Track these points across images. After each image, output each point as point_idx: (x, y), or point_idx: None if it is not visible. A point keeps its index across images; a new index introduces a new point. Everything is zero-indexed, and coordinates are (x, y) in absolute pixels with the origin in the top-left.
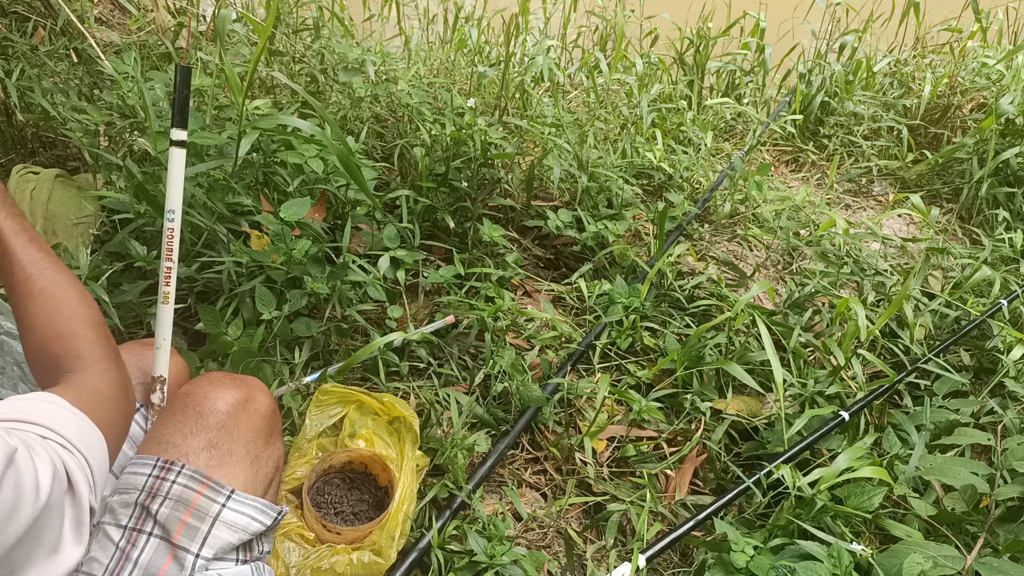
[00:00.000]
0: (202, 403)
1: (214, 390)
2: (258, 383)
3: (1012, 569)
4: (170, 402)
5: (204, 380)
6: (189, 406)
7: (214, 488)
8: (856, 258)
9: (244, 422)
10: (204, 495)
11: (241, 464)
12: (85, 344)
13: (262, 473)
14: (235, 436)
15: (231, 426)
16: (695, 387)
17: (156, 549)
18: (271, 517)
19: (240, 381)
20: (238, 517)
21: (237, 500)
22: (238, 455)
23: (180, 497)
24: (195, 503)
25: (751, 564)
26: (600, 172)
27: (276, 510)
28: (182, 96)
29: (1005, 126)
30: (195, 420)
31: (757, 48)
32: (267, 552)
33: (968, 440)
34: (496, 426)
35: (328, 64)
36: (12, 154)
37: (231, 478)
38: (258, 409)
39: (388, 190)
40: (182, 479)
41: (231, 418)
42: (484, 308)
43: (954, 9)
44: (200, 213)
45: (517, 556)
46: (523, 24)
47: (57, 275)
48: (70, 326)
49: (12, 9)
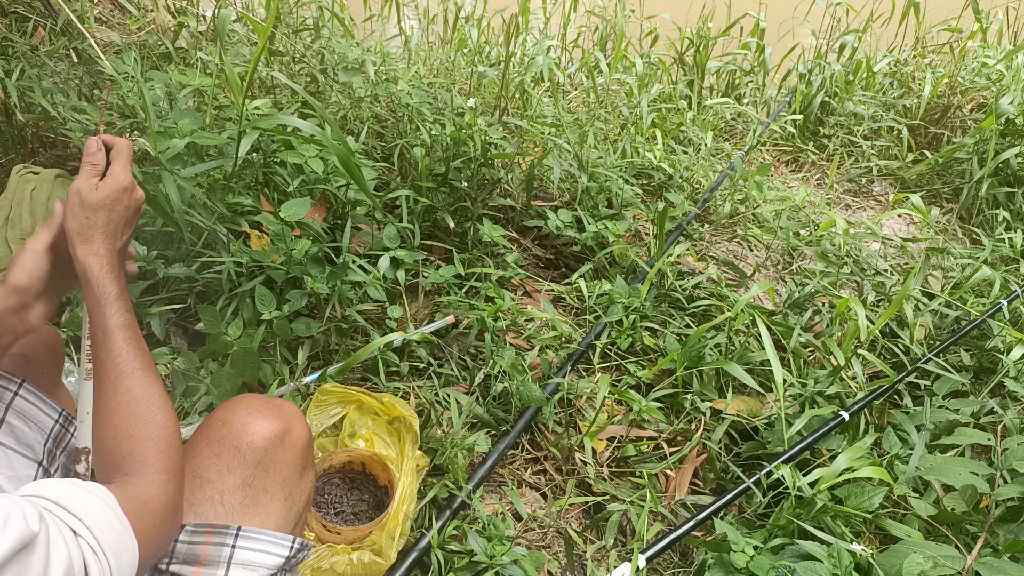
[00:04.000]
0: (240, 437)
1: (253, 422)
2: (294, 411)
3: (1012, 569)
4: (204, 429)
5: (241, 408)
6: (226, 439)
7: (220, 533)
8: (856, 258)
9: (281, 458)
10: (211, 543)
11: (275, 502)
12: (153, 452)
13: (294, 510)
14: (272, 473)
15: (268, 463)
16: (695, 387)
17: None
18: (286, 547)
19: (278, 411)
20: (252, 555)
21: (246, 537)
22: (273, 493)
23: (189, 554)
24: (204, 554)
25: (751, 564)
26: (600, 172)
27: (290, 539)
28: None
29: (1005, 126)
30: (231, 455)
31: (757, 48)
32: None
33: (968, 440)
34: (496, 426)
35: (328, 64)
36: (12, 154)
37: (263, 518)
38: (296, 443)
39: (388, 190)
40: (184, 535)
41: (269, 455)
42: (484, 308)
43: (954, 9)
44: (200, 213)
45: (517, 556)
46: (523, 24)
47: (147, 378)
48: (145, 430)
49: (12, 9)
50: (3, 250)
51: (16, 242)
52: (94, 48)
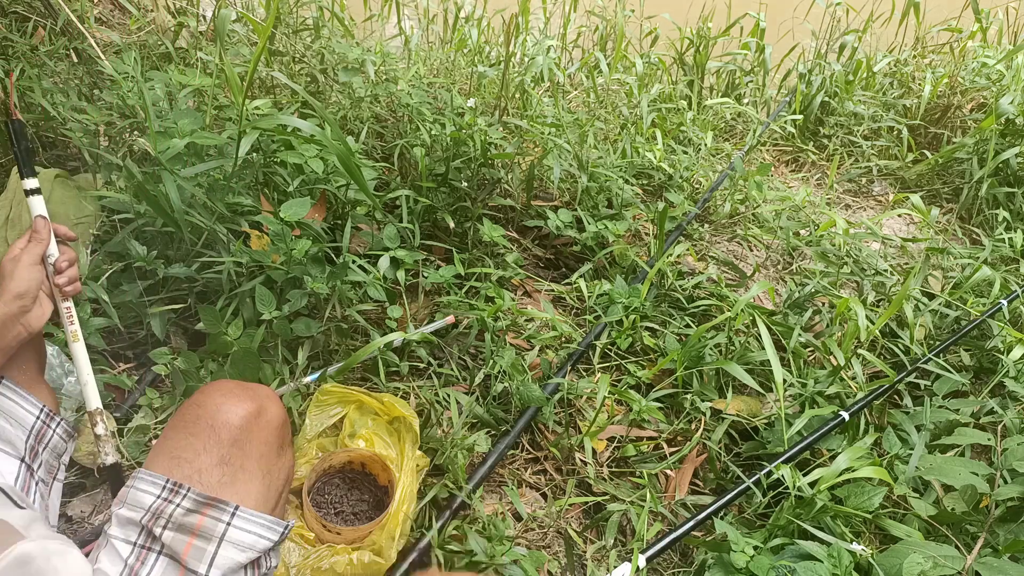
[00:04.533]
0: (215, 417)
1: (227, 402)
2: (269, 392)
3: (1012, 569)
4: (180, 413)
5: (215, 391)
6: (201, 419)
7: (218, 508)
8: (856, 258)
9: (257, 436)
10: (208, 515)
11: (254, 480)
12: None
13: (274, 487)
14: (248, 451)
15: (244, 441)
16: (695, 387)
17: (165, 569)
18: (278, 533)
19: (252, 392)
20: (244, 536)
21: (242, 518)
22: (250, 471)
23: (184, 522)
24: (199, 525)
25: (751, 564)
26: (600, 172)
27: (282, 525)
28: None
29: (1005, 126)
30: (207, 435)
31: (757, 48)
32: (274, 566)
33: (968, 440)
34: (496, 426)
35: (328, 64)
36: (12, 154)
37: (243, 495)
38: (270, 422)
39: (388, 190)
40: (187, 502)
41: (244, 433)
42: (484, 308)
43: (954, 9)
44: (200, 213)
45: (517, 556)
46: (523, 24)
47: None
48: None
49: (12, 9)
50: (3, 250)
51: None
52: (94, 48)
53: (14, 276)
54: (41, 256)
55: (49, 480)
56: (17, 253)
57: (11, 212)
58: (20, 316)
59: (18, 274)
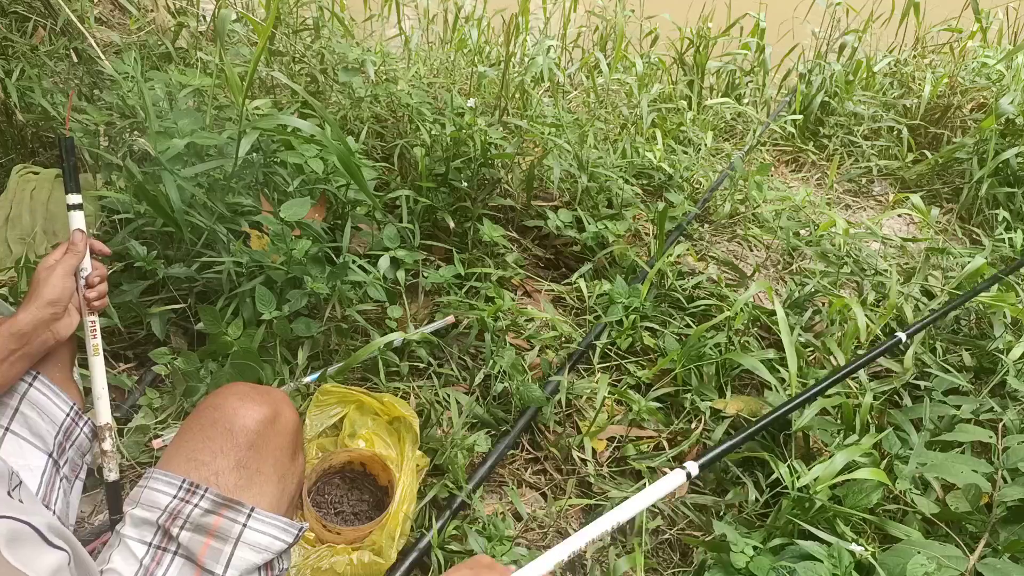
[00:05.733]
0: (232, 420)
1: (243, 406)
2: (283, 397)
3: (1014, 570)
4: (196, 415)
5: (231, 394)
6: (218, 422)
7: (235, 509)
8: (856, 258)
9: (272, 440)
10: (225, 516)
11: (269, 484)
12: None
13: (287, 491)
14: (264, 455)
15: (260, 445)
16: (695, 386)
17: (181, 569)
18: (292, 534)
19: (268, 396)
20: (260, 537)
21: (257, 519)
22: (266, 474)
23: (201, 523)
24: (216, 526)
25: (751, 564)
26: (600, 172)
27: (297, 527)
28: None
29: (1005, 126)
30: (224, 438)
31: (757, 48)
32: (286, 568)
33: (969, 437)
34: (496, 426)
35: (328, 64)
36: (12, 154)
37: (258, 498)
38: (285, 426)
39: (388, 190)
40: (204, 503)
41: (260, 437)
42: (484, 308)
43: (954, 9)
44: (200, 213)
45: (517, 556)
46: (523, 24)
47: None
48: None
49: (12, 9)
50: (3, 250)
51: (16, 242)
52: (94, 48)
53: (48, 283)
54: (75, 268)
55: (72, 478)
56: (52, 263)
57: (11, 212)
58: (51, 323)
59: (52, 282)
